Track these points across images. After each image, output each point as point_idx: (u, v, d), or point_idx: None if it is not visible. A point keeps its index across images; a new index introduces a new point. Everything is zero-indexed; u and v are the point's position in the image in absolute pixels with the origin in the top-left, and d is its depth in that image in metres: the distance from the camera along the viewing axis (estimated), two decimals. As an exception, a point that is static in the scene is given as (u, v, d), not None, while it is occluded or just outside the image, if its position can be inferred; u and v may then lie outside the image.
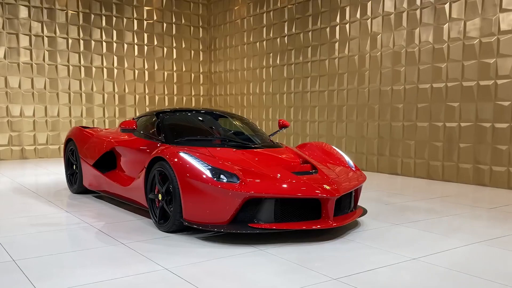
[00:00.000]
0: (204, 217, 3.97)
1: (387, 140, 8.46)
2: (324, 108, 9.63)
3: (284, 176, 4.14)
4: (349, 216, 4.33)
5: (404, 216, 5.07)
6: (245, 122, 5.72)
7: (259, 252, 3.72)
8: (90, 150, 5.85)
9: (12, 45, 10.32)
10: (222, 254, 3.67)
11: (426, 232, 4.39)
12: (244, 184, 3.90)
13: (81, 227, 4.48)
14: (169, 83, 12.46)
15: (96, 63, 11.36)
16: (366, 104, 8.80)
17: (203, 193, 3.94)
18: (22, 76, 10.47)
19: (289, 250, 3.80)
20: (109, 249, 3.80)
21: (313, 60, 9.81)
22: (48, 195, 6.13)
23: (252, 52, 11.45)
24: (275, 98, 10.84)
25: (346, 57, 9.13)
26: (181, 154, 4.16)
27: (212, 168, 4.01)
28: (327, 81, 9.54)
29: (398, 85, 8.21)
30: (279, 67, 10.67)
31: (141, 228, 4.47)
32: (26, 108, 10.54)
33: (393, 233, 4.36)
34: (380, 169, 8.61)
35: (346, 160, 4.94)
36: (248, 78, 11.63)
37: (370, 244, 3.97)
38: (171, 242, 3.99)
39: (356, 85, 8.96)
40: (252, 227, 3.87)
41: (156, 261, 3.48)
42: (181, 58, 12.61)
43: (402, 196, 6.28)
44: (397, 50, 8.22)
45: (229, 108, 12.35)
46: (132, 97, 11.88)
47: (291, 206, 4.02)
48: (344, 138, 9.24)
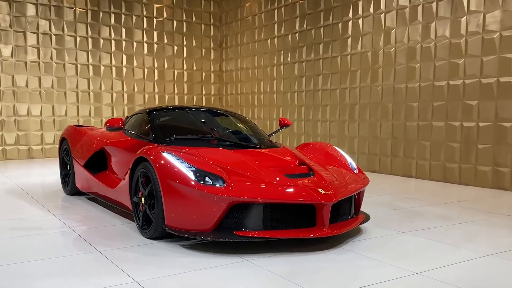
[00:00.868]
0: (187, 224, 3.65)
1: (401, 141, 8.01)
2: (336, 107, 9.22)
3: (275, 179, 3.78)
4: (348, 224, 3.95)
5: (413, 223, 4.66)
6: (243, 120, 5.38)
7: (244, 263, 3.37)
8: (81, 149, 5.59)
9: (19, 44, 10.19)
10: (204, 265, 3.33)
11: (435, 242, 3.97)
12: (230, 188, 3.56)
13: (61, 232, 4.20)
14: (179, 82, 12.20)
15: (104, 62, 11.17)
16: (379, 103, 8.36)
17: (185, 197, 3.61)
18: (29, 74, 10.33)
19: (279, 261, 3.44)
20: (82, 257, 3.51)
21: (325, 57, 9.41)
22: (41, 197, 5.89)
23: (263, 49, 11.10)
24: (285, 97, 10.47)
25: (358, 53, 8.71)
26: (163, 154, 3.85)
27: (196, 170, 3.68)
28: (339, 78, 9.13)
29: (413, 82, 7.76)
30: (290, 64, 10.30)
31: (125, 234, 4.17)
32: (33, 107, 10.40)
33: (397, 243, 3.96)
34: (393, 171, 8.16)
35: (348, 161, 4.56)
36: (259, 77, 11.29)
37: (370, 255, 3.58)
38: (151, 251, 3.67)
39: (369, 82, 8.53)
40: (238, 235, 3.53)
41: (128, 272, 3.16)
42: (191, 57, 12.33)
43: (414, 201, 5.85)
44: (412, 46, 7.77)
45: (240, 107, 12.03)
46: (142, 96, 11.66)
47: (282, 212, 3.66)
48: (356, 138, 8.81)
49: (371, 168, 8.53)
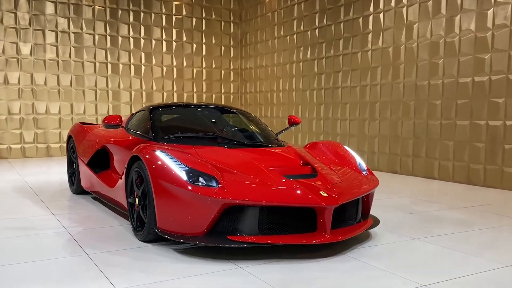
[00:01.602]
0: (179, 227, 3.43)
1: (423, 140, 7.62)
2: (356, 105, 8.88)
3: (274, 180, 3.53)
4: (353, 229, 3.66)
5: (428, 228, 4.33)
6: (250, 118, 5.15)
7: (236, 271, 3.14)
8: (85, 148, 5.46)
9: (38, 42, 10.20)
10: (193, 272, 3.11)
11: (450, 250, 3.65)
12: (224, 189, 3.33)
13: (55, 233, 4.05)
14: (198, 81, 12.04)
15: (123, 60, 11.10)
16: (400, 101, 7.99)
17: (177, 198, 3.40)
18: (48, 73, 10.34)
19: (274, 268, 3.19)
20: (68, 260, 3.33)
21: (345, 53, 9.08)
22: (46, 195, 5.79)
23: (282, 46, 10.83)
24: (304, 95, 10.18)
25: (379, 49, 8.35)
26: (156, 152, 3.64)
27: (189, 170, 3.46)
28: (359, 75, 8.79)
29: (436, 79, 7.37)
30: (309, 61, 10.00)
31: (119, 236, 3.99)
32: (51, 105, 10.41)
33: (407, 251, 3.65)
34: (415, 172, 7.78)
35: (357, 162, 4.26)
36: (278, 74, 11.03)
37: (375, 264, 3.29)
38: (141, 255, 3.47)
39: (390, 79, 8.17)
40: (231, 240, 3.29)
41: (111, 279, 2.96)
42: (210, 55, 12.16)
43: (433, 204, 5.50)
44: (435, 41, 7.38)
45: (259, 106, 11.79)
46: (160, 94, 11.55)
47: (280, 215, 3.41)
48: (377, 137, 8.46)
49: (392, 169, 8.17)
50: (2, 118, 9.93)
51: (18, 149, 10.11)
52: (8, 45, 9.93)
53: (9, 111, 10.00)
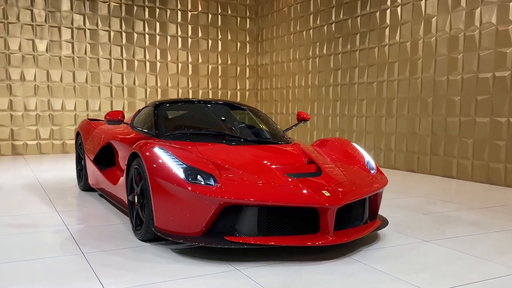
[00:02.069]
0: (176, 226, 3.32)
1: (442, 138, 7.37)
2: (373, 101, 8.65)
3: (275, 178, 3.38)
4: (359, 230, 3.49)
5: (441, 230, 4.13)
6: (258, 114, 5.00)
7: (233, 273, 3.01)
8: (91, 144, 5.41)
9: (54, 38, 10.24)
10: (189, 274, 2.99)
11: (461, 253, 3.46)
12: (221, 188, 3.20)
13: (55, 231, 3.98)
14: (214, 77, 11.94)
15: (138, 56, 11.07)
16: (418, 97, 7.74)
17: (174, 196, 3.29)
18: (63, 69, 10.37)
19: (273, 271, 3.05)
20: (62, 260, 3.25)
21: (362, 48, 8.86)
22: (54, 192, 5.76)
23: (298, 42, 10.65)
24: (320, 91, 9.98)
25: (397, 43, 8.11)
26: (154, 149, 3.53)
27: (187, 168, 3.34)
28: (376, 71, 8.56)
29: (455, 74, 7.11)
30: (325, 57, 9.80)
31: (120, 234, 3.90)
32: (67, 102, 10.44)
33: (416, 254, 3.46)
34: (432, 171, 7.53)
35: (366, 160, 4.08)
36: (294, 70, 10.85)
37: (380, 268, 3.12)
38: (138, 255, 3.37)
39: (407, 75, 7.93)
40: (228, 241, 3.16)
41: (102, 280, 2.87)
42: (226, 51, 12.05)
43: (449, 204, 5.28)
44: (454, 35, 7.12)
45: (274, 102, 11.63)
46: (175, 91, 11.49)
47: (281, 216, 3.26)
48: (394, 135, 8.22)
49: (409, 167, 7.93)
50: (19, 114, 10.00)
51: (34, 146, 10.18)
52: (24, 42, 9.98)
53: (25, 108, 10.06)
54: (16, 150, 10.01)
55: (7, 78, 9.85)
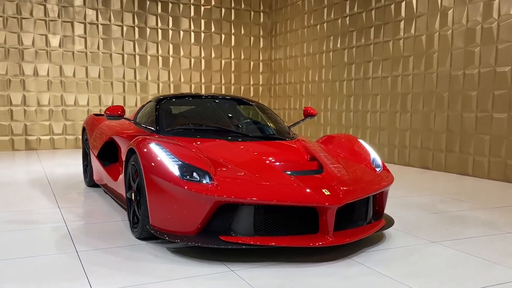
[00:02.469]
0: (171, 225, 3.22)
1: (457, 134, 7.14)
2: (387, 96, 8.43)
3: (273, 176, 3.25)
4: (361, 231, 3.34)
5: (451, 230, 3.95)
6: (263, 109, 4.87)
7: (227, 274, 2.89)
8: (95, 140, 5.35)
9: (67, 34, 10.24)
10: (181, 274, 2.89)
11: (469, 256, 3.28)
12: (216, 186, 3.08)
13: (53, 228, 3.92)
14: (227, 72, 11.83)
15: (151, 52, 11.02)
16: (433, 92, 7.51)
17: (168, 194, 3.18)
18: (76, 64, 10.37)
19: (268, 272, 2.93)
20: (54, 258, 3.18)
21: (376, 42, 8.64)
22: (59, 188, 5.72)
23: (312, 36, 10.46)
24: (334, 86, 9.79)
25: (412, 37, 7.88)
26: (150, 145, 3.43)
27: (182, 164, 3.23)
28: (390, 65, 8.34)
29: (472, 68, 6.86)
30: (339, 51, 9.60)
31: (118, 232, 3.81)
32: (80, 97, 10.45)
33: (421, 256, 3.30)
34: (447, 168, 7.30)
35: (371, 157, 3.92)
36: (307, 65, 10.67)
37: (382, 271, 2.97)
38: (133, 253, 3.28)
39: (422, 69, 7.70)
40: (223, 241, 3.05)
41: (91, 280, 2.78)
42: (239, 45, 11.92)
43: (462, 203, 5.08)
44: (471, 27, 6.87)
45: (288, 98, 11.47)
46: (188, 86, 11.41)
47: (279, 215, 3.13)
48: (408, 131, 8.00)
49: (423, 164, 7.71)
50: (32, 109, 10.04)
51: (47, 141, 10.21)
52: (37, 37, 10.01)
53: (39, 103, 10.10)
54: (29, 145, 10.06)
55: (20, 73, 9.89)
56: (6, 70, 9.77)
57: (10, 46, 9.77)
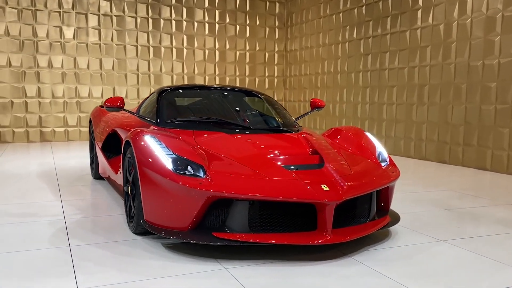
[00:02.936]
0: (165, 220, 3.11)
1: (475, 127, 6.87)
2: (403, 88, 8.19)
3: (270, 170, 3.11)
4: (363, 228, 3.18)
5: (461, 228, 3.76)
6: (269, 101, 4.72)
7: (219, 272, 2.78)
8: (99, 132, 5.29)
9: (81, 25, 10.23)
10: (171, 271, 2.78)
11: (478, 256, 3.10)
12: (210, 180, 2.96)
13: (51, 221, 3.86)
14: (241, 64, 11.69)
15: (165, 43, 10.94)
16: (451, 83, 7.25)
17: (161, 188, 3.08)
18: (90, 56, 10.36)
19: (262, 271, 2.80)
20: (45, 253, 3.10)
21: (393, 32, 8.39)
22: (66, 180, 5.69)
23: (328, 26, 10.23)
24: (350, 77, 9.56)
25: (429, 26, 7.61)
26: (145, 137, 3.33)
27: (177, 158, 3.11)
28: (407, 56, 8.08)
29: (491, 58, 6.59)
30: (355, 41, 9.36)
31: (116, 226, 3.73)
32: (94, 89, 10.45)
33: (426, 255, 3.13)
34: (465, 163, 7.05)
35: (377, 151, 3.74)
36: (323, 56, 10.45)
37: (383, 271, 2.81)
38: (126, 249, 3.18)
39: (440, 60, 7.43)
40: (216, 238, 2.93)
41: (78, 276, 2.70)
42: (254, 36, 11.75)
43: (476, 199, 4.86)
44: (491, 15, 6.59)
45: (303, 89, 11.28)
46: (202, 78, 11.31)
47: (275, 211, 3.00)
48: (425, 124, 7.76)
49: (440, 158, 7.47)
50: (46, 101, 10.08)
51: (61, 132, 10.25)
52: (52, 29, 10.02)
53: (53, 95, 10.13)
54: (44, 137, 10.11)
55: (35, 65, 9.93)
56: (21, 62, 9.81)
57: (24, 38, 9.81)
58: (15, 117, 9.85)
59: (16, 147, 9.14)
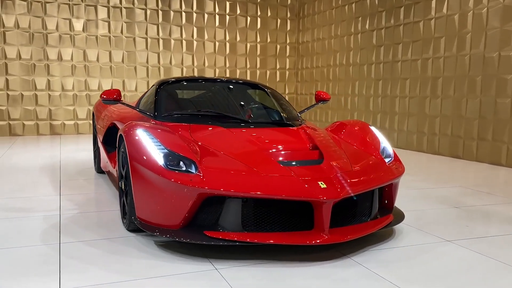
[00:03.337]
0: (157, 217, 3.00)
1: (490, 121, 6.63)
2: (417, 80, 7.95)
3: (265, 166, 2.97)
4: (363, 228, 3.02)
5: (470, 227, 3.58)
6: (271, 94, 4.56)
7: (209, 273, 2.65)
8: (100, 125, 5.20)
9: (90, 18, 10.16)
10: (160, 272, 2.67)
11: (486, 258, 2.92)
12: (201, 177, 2.83)
13: (46, 216, 3.78)
14: (252, 56, 11.52)
15: (175, 35, 10.83)
16: (466, 75, 7.00)
17: (152, 184, 2.96)
18: (100, 49, 10.30)
19: (255, 272, 2.66)
20: (33, 250, 3.01)
21: (406, 23, 8.14)
22: (68, 174, 5.62)
23: (340, 17, 10.01)
24: (362, 70, 9.34)
25: (444, 16, 7.36)
26: (137, 131, 3.21)
27: (169, 153, 2.99)
28: (421, 47, 7.84)
29: (508, 50, 6.33)
30: (368, 32, 9.13)
31: (110, 222, 3.63)
32: (104, 82, 10.39)
33: (431, 256, 2.96)
34: (479, 158, 6.82)
35: (381, 146, 3.57)
36: (335, 48, 10.23)
37: (382, 273, 2.66)
38: (117, 247, 3.08)
39: (454, 51, 7.18)
40: (207, 237, 2.80)
41: (63, 275, 2.60)
42: (266, 28, 11.57)
43: (490, 196, 4.66)
44: (508, 4, 6.32)
45: (315, 82, 11.08)
46: (212, 71, 11.19)
47: (269, 209, 2.86)
48: (438, 117, 7.53)
49: (454, 153, 7.24)
50: (56, 94, 10.05)
51: (71, 125, 10.23)
52: (61, 21, 9.97)
53: (63, 88, 10.10)
54: (54, 130, 10.10)
55: (44, 58, 9.90)
56: (30, 54, 9.79)
57: (34, 30, 9.78)
58: (25, 110, 9.85)
59: (26, 140, 9.14)
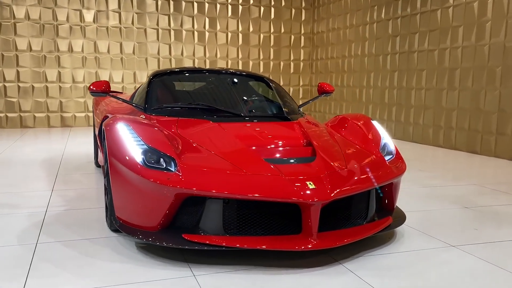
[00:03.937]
0: (135, 218, 2.81)
1: (510, 115, 6.27)
2: (433, 71, 7.60)
3: (250, 164, 2.75)
4: (357, 232, 2.78)
5: (478, 231, 3.30)
6: (271, 86, 4.33)
7: (185, 280, 2.45)
8: (97, 117, 5.04)
9: (101, 8, 10.05)
10: (134, 278, 2.48)
11: (492, 266, 2.65)
12: (179, 175, 2.62)
13: (30, 213, 3.63)
14: (265, 47, 11.26)
15: (186, 26, 10.64)
16: (485, 66, 6.64)
17: (129, 182, 2.77)
18: (110, 40, 10.18)
19: (234, 280, 2.46)
20: (7, 250, 2.86)
21: (423, 11, 7.78)
22: (67, 168, 5.50)
23: (355, 6, 9.67)
24: (377, 61, 9.01)
25: (462, 4, 6.99)
26: (117, 125, 3.01)
27: (148, 149, 2.79)
28: (438, 37, 7.48)
29: (530, 38, 5.96)
30: (383, 22, 8.78)
31: (95, 221, 3.47)
32: (115, 73, 10.28)
33: (431, 264, 2.70)
34: (498, 153, 6.46)
35: (382, 143, 3.31)
36: (350, 38, 9.91)
37: (374, 283, 2.42)
38: (95, 248, 2.90)
39: (473, 41, 6.82)
40: (185, 240, 2.60)
41: (29, 280, 2.43)
42: (279, 18, 11.28)
43: (505, 196, 4.35)
44: (530, -10, 5.94)
45: (329, 74, 10.77)
46: (224, 62, 10.97)
47: (253, 211, 2.64)
48: (455, 111, 7.17)
49: (471, 148, 6.89)
50: (67, 86, 9.99)
51: (82, 118, 10.16)
52: (72, 12, 9.87)
53: (74, 79, 10.03)
54: (65, 122, 10.05)
55: (55, 49, 9.83)
56: (41, 46, 9.73)
57: (45, 22, 9.70)
58: (36, 102, 9.81)
59: (37, 132, 9.10)
